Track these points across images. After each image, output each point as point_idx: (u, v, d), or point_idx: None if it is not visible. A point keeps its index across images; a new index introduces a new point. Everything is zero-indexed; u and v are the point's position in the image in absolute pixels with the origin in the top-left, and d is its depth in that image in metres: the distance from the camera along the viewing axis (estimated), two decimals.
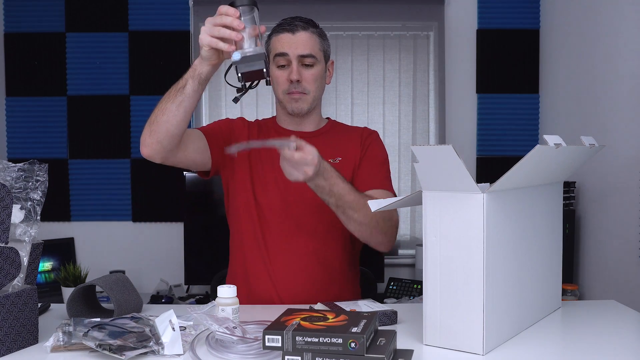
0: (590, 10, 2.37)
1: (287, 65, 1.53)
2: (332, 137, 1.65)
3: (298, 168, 1.25)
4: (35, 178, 1.14)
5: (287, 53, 1.51)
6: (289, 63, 1.52)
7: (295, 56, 1.51)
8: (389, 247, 1.52)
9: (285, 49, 1.52)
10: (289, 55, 1.51)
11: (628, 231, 2.03)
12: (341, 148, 1.62)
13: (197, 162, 1.54)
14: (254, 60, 1.23)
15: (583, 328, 1.21)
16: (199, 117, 3.03)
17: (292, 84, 1.52)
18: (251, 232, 1.57)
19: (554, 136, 1.05)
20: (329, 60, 1.63)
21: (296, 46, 1.51)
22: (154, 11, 2.96)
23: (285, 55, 1.52)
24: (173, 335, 1.03)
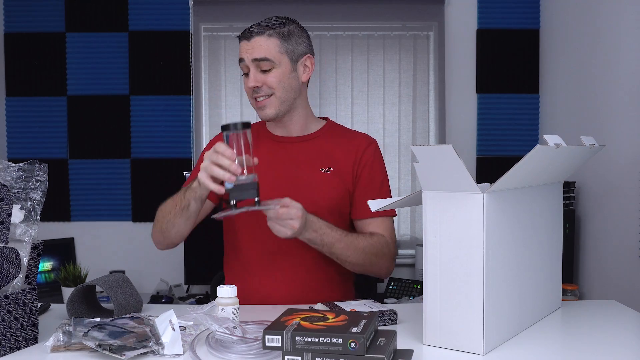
0: (590, 10, 2.37)
1: (248, 73, 1.51)
2: (325, 143, 1.59)
3: (284, 224, 1.31)
4: (35, 178, 1.14)
5: (244, 59, 1.49)
6: (249, 70, 1.50)
7: (250, 61, 1.48)
8: (387, 276, 1.60)
9: (242, 55, 1.50)
10: (245, 61, 1.49)
11: (628, 231, 2.03)
12: (334, 157, 1.56)
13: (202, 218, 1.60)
14: (245, 189, 1.24)
15: (583, 328, 1.21)
16: (199, 117, 3.03)
17: (254, 90, 1.50)
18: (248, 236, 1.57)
19: (554, 136, 1.05)
20: (303, 56, 1.55)
21: (251, 51, 1.48)
22: (154, 11, 2.96)
23: (243, 61, 1.50)
24: (173, 335, 1.03)
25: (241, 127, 1.25)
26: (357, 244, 1.46)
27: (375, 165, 1.59)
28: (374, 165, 1.59)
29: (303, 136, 1.59)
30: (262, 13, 3.07)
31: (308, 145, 1.58)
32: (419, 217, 3.01)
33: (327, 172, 1.54)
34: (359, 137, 1.63)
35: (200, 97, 3.03)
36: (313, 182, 1.53)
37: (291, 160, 1.56)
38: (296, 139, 1.59)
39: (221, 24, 3.01)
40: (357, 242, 1.46)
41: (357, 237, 1.48)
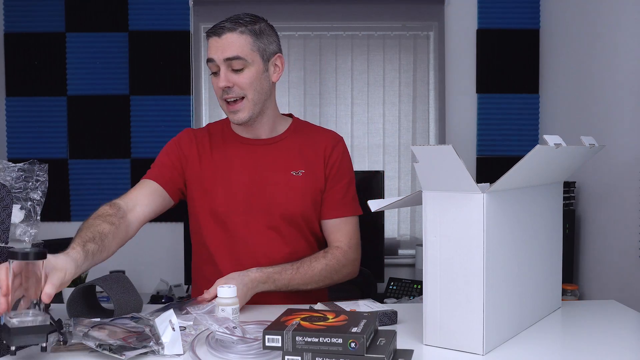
0: (590, 10, 2.37)
1: (218, 72, 1.44)
2: (293, 144, 1.55)
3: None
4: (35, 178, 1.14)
5: (214, 59, 1.43)
6: (219, 69, 1.44)
7: (221, 61, 1.42)
8: (352, 277, 1.58)
9: (212, 54, 1.43)
10: (216, 60, 1.43)
11: (628, 231, 2.03)
12: (304, 159, 1.54)
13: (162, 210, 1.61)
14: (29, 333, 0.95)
15: (583, 328, 1.21)
16: (199, 117, 3.03)
17: (224, 90, 1.44)
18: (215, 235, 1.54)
19: (554, 136, 1.05)
20: (274, 55, 1.50)
21: (222, 50, 1.42)
22: (154, 11, 2.96)
23: (213, 60, 1.44)
24: (173, 335, 1.03)
25: (33, 257, 0.97)
26: (313, 271, 1.45)
27: (343, 164, 1.57)
28: (342, 165, 1.57)
29: (271, 138, 1.55)
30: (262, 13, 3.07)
31: (277, 147, 1.54)
32: (419, 217, 3.01)
33: (298, 175, 1.51)
34: (326, 135, 1.60)
35: (200, 97, 3.03)
36: (285, 186, 1.50)
37: (261, 164, 1.52)
38: (265, 142, 1.55)
39: None
40: (312, 269, 1.46)
41: (310, 263, 1.46)
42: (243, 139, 1.56)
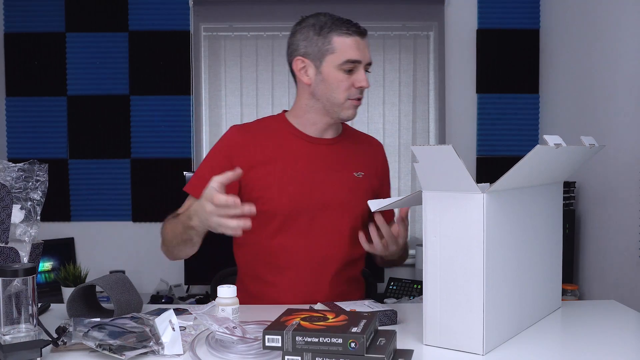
0: (590, 10, 2.37)
1: (351, 71, 1.42)
2: (350, 146, 1.56)
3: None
4: (35, 178, 1.14)
5: (360, 60, 1.42)
6: (354, 69, 1.43)
7: (364, 64, 1.43)
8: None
9: (358, 56, 1.42)
10: (362, 62, 1.42)
11: (628, 231, 2.03)
12: (362, 162, 1.55)
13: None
14: (25, 349, 0.93)
15: (583, 328, 1.21)
16: (199, 117, 3.03)
17: (357, 90, 1.43)
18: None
19: (554, 136, 1.05)
20: None
21: (365, 52, 1.43)
22: (154, 11, 2.96)
23: (357, 62, 1.42)
24: (173, 335, 1.02)
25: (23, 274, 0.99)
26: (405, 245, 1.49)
27: (388, 167, 1.65)
28: (387, 170, 1.65)
29: (334, 138, 1.55)
30: (262, 13, 3.08)
31: (339, 148, 1.54)
32: (419, 217, 3.01)
33: (359, 177, 1.52)
34: (374, 140, 1.66)
35: (200, 97, 3.03)
36: (349, 187, 1.50)
37: (327, 163, 1.50)
38: (329, 141, 1.53)
39: (221, 24, 3.01)
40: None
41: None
42: (308, 136, 1.52)
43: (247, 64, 3.04)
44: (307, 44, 1.44)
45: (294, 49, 1.48)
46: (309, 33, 1.45)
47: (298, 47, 1.46)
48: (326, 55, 1.42)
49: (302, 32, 1.46)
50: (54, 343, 1.00)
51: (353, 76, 1.43)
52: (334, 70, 1.42)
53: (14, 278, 0.98)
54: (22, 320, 0.99)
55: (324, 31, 1.43)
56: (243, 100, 3.04)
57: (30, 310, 1.01)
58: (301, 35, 1.46)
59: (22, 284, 1.02)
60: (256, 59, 3.04)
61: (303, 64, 1.46)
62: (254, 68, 3.04)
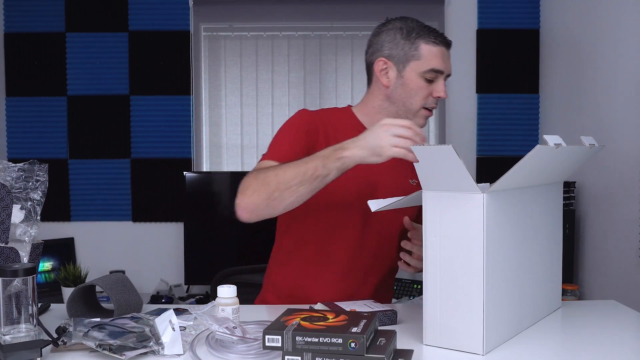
0: (590, 10, 2.37)
1: (431, 80, 1.40)
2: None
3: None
4: (35, 178, 1.14)
5: (443, 71, 1.40)
6: (435, 78, 1.41)
7: (445, 75, 1.42)
8: None
9: (442, 67, 1.40)
10: (445, 73, 1.40)
11: (628, 231, 2.03)
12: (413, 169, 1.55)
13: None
14: (25, 349, 0.94)
15: (583, 328, 1.21)
16: (199, 117, 3.03)
17: (434, 100, 1.42)
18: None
19: (554, 136, 1.05)
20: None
21: (449, 64, 1.42)
22: (154, 11, 2.96)
23: (440, 72, 1.40)
24: (173, 335, 1.02)
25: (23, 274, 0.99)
26: None
27: None
28: None
29: None
30: (262, 13, 3.08)
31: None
32: None
33: (413, 184, 1.50)
34: None
35: (200, 97, 3.03)
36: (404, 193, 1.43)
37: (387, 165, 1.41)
38: None
39: (221, 24, 3.01)
40: None
41: None
42: None
43: (247, 64, 3.04)
44: (392, 46, 1.42)
45: (377, 48, 1.45)
46: (395, 35, 1.43)
47: (382, 47, 1.44)
48: (411, 61, 1.40)
49: (388, 33, 1.44)
50: (54, 343, 1.00)
51: (432, 85, 1.41)
52: (416, 76, 1.40)
53: (14, 278, 0.98)
54: (22, 320, 0.99)
55: (411, 36, 1.41)
56: (243, 100, 3.04)
57: (30, 310, 1.01)
58: (387, 36, 1.44)
59: (22, 284, 1.02)
60: (256, 59, 3.04)
61: (385, 66, 1.43)
62: (254, 68, 3.04)
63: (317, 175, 1.20)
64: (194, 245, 2.83)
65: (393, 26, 1.45)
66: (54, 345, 1.00)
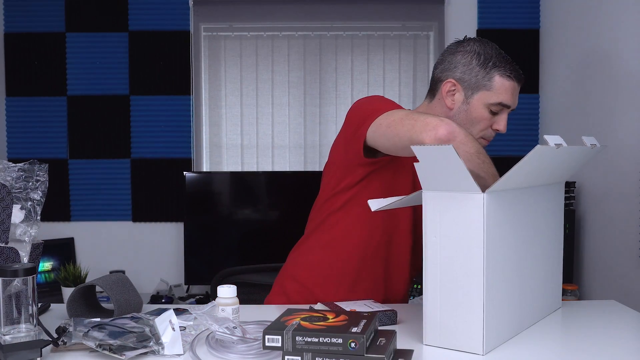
0: (590, 10, 2.37)
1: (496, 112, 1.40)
2: None
3: None
4: (35, 178, 1.14)
5: (510, 106, 1.39)
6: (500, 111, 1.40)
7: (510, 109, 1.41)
8: None
9: (511, 102, 1.39)
10: (511, 107, 1.40)
11: (628, 231, 2.03)
12: None
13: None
14: (25, 349, 0.93)
15: (583, 328, 1.21)
16: (199, 117, 3.03)
17: (493, 132, 1.42)
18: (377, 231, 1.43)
19: (555, 136, 1.05)
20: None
21: (516, 100, 1.40)
22: (154, 11, 2.96)
23: (507, 106, 1.39)
24: (173, 335, 1.02)
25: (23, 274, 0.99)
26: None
27: None
28: None
29: None
30: (262, 13, 3.08)
31: None
32: None
33: None
34: None
35: (200, 97, 3.03)
36: None
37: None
38: None
39: (221, 24, 3.01)
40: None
41: None
42: None
43: (247, 64, 3.04)
44: (466, 70, 1.39)
45: (449, 67, 1.41)
46: (472, 60, 1.39)
47: (455, 68, 1.40)
48: (481, 90, 1.38)
49: (464, 56, 1.40)
50: (54, 343, 1.00)
51: (495, 118, 1.41)
52: (482, 106, 1.39)
53: (14, 278, 0.98)
54: (22, 320, 0.99)
55: (488, 65, 1.39)
56: (243, 100, 3.04)
57: (30, 310, 1.01)
58: (463, 58, 1.40)
59: (22, 284, 1.02)
60: (256, 59, 3.04)
61: (453, 88, 1.40)
62: (254, 68, 3.04)
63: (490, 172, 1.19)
64: (194, 245, 2.83)
65: (471, 49, 1.41)
66: (54, 345, 1.00)
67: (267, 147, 3.06)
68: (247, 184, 2.91)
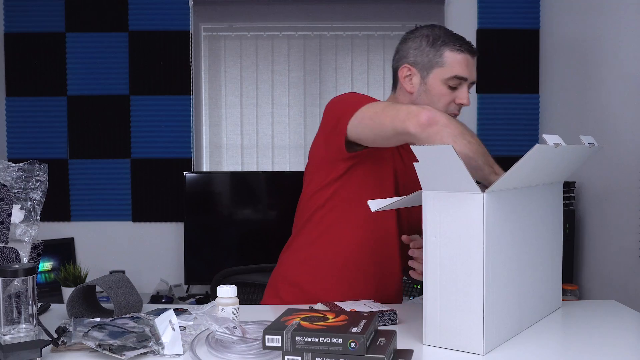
0: (590, 10, 2.37)
1: (455, 87, 1.41)
2: None
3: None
4: (35, 178, 1.14)
5: (467, 78, 1.41)
6: (459, 85, 1.42)
7: (469, 82, 1.43)
8: None
9: (466, 74, 1.41)
10: (469, 80, 1.41)
11: (628, 231, 2.03)
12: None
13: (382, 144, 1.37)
14: (25, 349, 0.94)
15: (583, 328, 1.21)
16: (199, 117, 3.03)
17: (456, 107, 1.42)
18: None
19: (554, 135, 1.05)
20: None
21: (473, 71, 1.42)
22: (154, 11, 2.96)
23: (464, 79, 1.41)
24: (173, 335, 1.02)
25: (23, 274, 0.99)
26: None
27: None
28: None
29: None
30: (262, 13, 3.08)
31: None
32: None
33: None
34: None
35: (200, 97, 3.03)
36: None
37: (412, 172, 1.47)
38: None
39: (221, 24, 3.01)
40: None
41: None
42: (410, 149, 1.47)
43: (247, 64, 3.04)
44: (417, 53, 1.43)
45: (403, 55, 1.46)
46: (421, 43, 1.44)
47: (408, 54, 1.45)
48: (435, 68, 1.41)
49: (414, 40, 1.45)
50: (54, 343, 1.00)
51: (456, 92, 1.42)
52: (439, 83, 1.41)
53: (14, 278, 0.98)
54: (22, 320, 0.99)
55: (437, 44, 1.42)
56: (243, 101, 3.04)
57: (30, 310, 1.01)
58: (413, 43, 1.45)
59: (22, 284, 1.02)
60: (256, 59, 3.04)
61: (409, 72, 1.44)
62: (254, 68, 3.04)
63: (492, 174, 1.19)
64: (194, 245, 2.83)
65: (420, 34, 1.45)
66: (54, 345, 1.00)
67: (267, 147, 3.06)
68: (247, 184, 2.91)
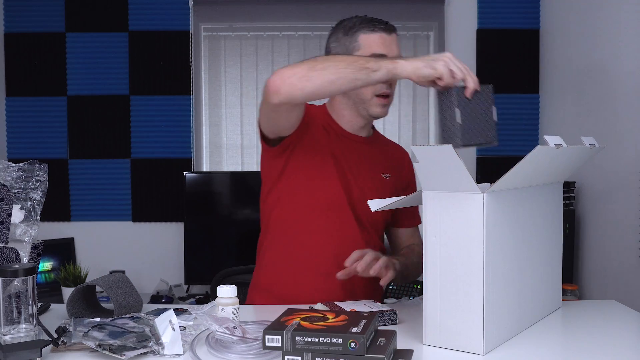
0: (590, 10, 2.37)
1: None
2: (381, 147, 1.58)
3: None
4: (35, 178, 1.14)
5: (385, 55, 1.42)
6: None
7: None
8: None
9: (383, 51, 1.42)
10: (387, 56, 1.41)
11: (628, 231, 2.03)
12: (390, 165, 1.56)
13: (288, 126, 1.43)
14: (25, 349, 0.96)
15: (583, 328, 1.21)
16: (199, 117, 3.03)
17: (383, 85, 1.42)
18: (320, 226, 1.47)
19: (555, 136, 1.05)
20: None
21: (392, 47, 1.44)
22: (154, 11, 2.96)
23: (383, 57, 1.39)
24: (173, 335, 1.02)
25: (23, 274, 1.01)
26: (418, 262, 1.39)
27: (414, 176, 1.63)
28: (414, 176, 1.63)
29: (368, 138, 1.56)
30: (262, 13, 3.08)
31: (370, 147, 1.54)
32: None
33: (386, 178, 1.53)
34: (400, 147, 1.66)
35: (200, 97, 3.03)
36: (375, 187, 1.50)
37: (359, 160, 1.50)
38: (363, 140, 1.54)
39: (221, 24, 3.01)
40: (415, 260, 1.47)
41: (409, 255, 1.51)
42: (345, 132, 1.52)
43: (247, 64, 3.04)
44: (336, 44, 1.49)
45: (327, 51, 1.52)
46: (338, 34, 1.50)
47: (329, 48, 1.51)
48: (353, 53, 1.44)
49: (334, 33, 1.51)
50: (54, 343, 1.00)
51: None
52: None
53: (14, 278, 0.98)
54: (22, 320, 0.99)
55: (351, 31, 1.47)
56: (243, 101, 3.04)
57: (30, 310, 1.01)
58: (333, 36, 1.51)
59: (22, 284, 1.02)
60: (256, 59, 3.04)
61: None
62: (254, 68, 3.04)
63: (367, 67, 1.20)
64: (194, 245, 2.83)
65: (338, 26, 1.52)
66: (54, 345, 1.00)
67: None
68: (247, 184, 2.91)
